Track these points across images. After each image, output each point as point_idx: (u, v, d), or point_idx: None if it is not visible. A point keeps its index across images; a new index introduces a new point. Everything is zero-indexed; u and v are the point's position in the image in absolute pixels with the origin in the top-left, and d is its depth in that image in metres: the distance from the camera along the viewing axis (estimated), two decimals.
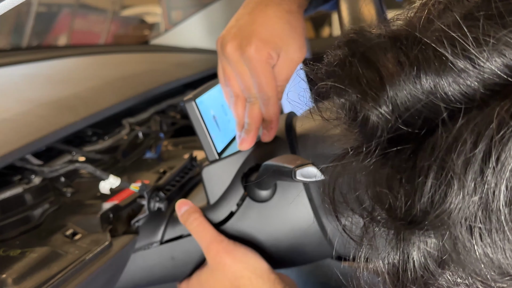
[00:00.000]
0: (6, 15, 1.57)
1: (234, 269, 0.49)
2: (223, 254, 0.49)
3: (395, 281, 0.26)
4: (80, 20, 2.25)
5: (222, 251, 0.50)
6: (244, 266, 0.49)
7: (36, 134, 0.56)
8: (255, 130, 0.52)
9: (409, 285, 0.25)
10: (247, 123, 0.52)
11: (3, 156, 0.49)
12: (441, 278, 0.24)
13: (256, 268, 0.49)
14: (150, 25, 2.49)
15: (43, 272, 0.45)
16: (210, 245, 0.50)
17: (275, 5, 0.51)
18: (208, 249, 0.50)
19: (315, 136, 0.51)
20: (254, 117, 0.52)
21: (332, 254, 0.53)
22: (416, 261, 0.24)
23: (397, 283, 0.26)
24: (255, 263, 0.49)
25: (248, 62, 0.50)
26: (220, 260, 0.50)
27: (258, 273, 0.49)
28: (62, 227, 0.54)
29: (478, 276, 0.23)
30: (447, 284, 0.24)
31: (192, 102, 0.52)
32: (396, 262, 0.26)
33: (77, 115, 0.64)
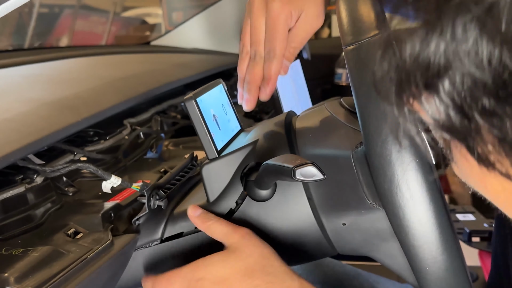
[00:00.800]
0: (8, 16, 1.58)
1: (262, 249, 0.48)
2: (250, 235, 0.48)
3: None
4: (81, 21, 2.26)
5: (249, 233, 0.49)
6: (270, 249, 0.49)
7: (38, 134, 0.56)
8: (255, 89, 0.54)
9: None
10: (248, 82, 0.54)
11: (5, 156, 0.50)
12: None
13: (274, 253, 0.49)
14: (151, 26, 2.50)
15: (45, 271, 0.46)
16: (235, 230, 0.49)
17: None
18: (233, 234, 0.48)
19: (315, 136, 0.51)
20: (254, 76, 0.54)
21: (331, 253, 0.53)
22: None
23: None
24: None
25: (268, 15, 0.53)
26: (249, 241, 0.48)
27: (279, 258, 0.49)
28: (64, 226, 0.54)
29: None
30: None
31: (192, 101, 0.52)
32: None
33: (78, 115, 0.64)
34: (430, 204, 0.40)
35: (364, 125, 0.42)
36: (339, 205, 0.49)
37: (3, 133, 0.55)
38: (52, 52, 1.18)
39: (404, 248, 0.42)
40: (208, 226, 0.51)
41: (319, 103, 0.56)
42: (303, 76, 1.05)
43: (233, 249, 0.48)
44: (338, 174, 0.48)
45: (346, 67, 0.44)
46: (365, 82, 0.42)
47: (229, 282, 0.46)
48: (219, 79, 0.63)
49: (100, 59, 1.15)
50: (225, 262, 0.48)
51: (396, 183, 0.40)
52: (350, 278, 0.75)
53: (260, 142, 0.54)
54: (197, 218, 0.52)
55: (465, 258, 0.45)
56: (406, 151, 0.40)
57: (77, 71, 0.97)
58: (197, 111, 0.52)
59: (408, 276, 0.48)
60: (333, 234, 0.50)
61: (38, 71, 0.93)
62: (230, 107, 0.62)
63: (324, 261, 0.78)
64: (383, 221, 0.47)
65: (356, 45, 0.43)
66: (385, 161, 0.40)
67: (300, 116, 0.56)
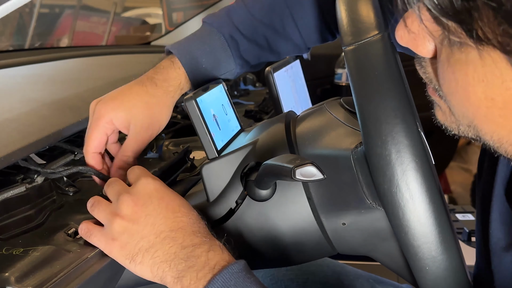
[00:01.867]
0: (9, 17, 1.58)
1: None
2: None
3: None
4: (82, 22, 2.26)
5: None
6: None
7: (39, 134, 0.56)
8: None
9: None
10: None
11: (6, 155, 0.50)
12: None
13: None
14: (151, 27, 2.50)
15: (45, 271, 0.46)
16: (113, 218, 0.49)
17: (140, 85, 0.60)
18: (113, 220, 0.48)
19: (315, 136, 0.51)
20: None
21: (331, 253, 0.54)
22: None
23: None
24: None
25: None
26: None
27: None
28: (64, 226, 0.54)
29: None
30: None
31: (192, 101, 0.52)
32: None
33: (79, 115, 0.64)
34: (430, 204, 0.40)
35: (364, 125, 0.42)
36: (339, 205, 0.49)
37: (4, 133, 0.55)
38: (53, 52, 1.18)
39: (404, 247, 0.42)
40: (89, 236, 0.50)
41: (319, 103, 0.56)
42: (303, 76, 1.05)
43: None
44: (338, 174, 0.48)
45: (346, 67, 0.44)
46: (365, 82, 0.42)
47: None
48: (219, 79, 0.63)
49: (101, 59, 1.15)
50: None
51: (395, 183, 0.40)
52: (351, 279, 0.75)
53: (260, 142, 0.54)
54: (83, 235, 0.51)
55: (465, 258, 0.45)
56: (406, 151, 0.40)
57: (78, 71, 0.98)
58: (197, 111, 0.53)
59: (408, 276, 0.48)
60: (333, 234, 0.50)
61: (39, 71, 0.93)
62: (230, 107, 0.62)
63: (324, 261, 0.78)
64: (382, 221, 0.47)
65: (356, 46, 0.43)
66: (384, 161, 0.40)
67: (300, 116, 0.56)
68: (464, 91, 0.34)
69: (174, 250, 0.46)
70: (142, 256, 0.46)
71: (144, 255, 0.46)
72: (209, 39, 0.64)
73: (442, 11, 0.30)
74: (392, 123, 0.40)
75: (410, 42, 0.37)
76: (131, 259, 0.47)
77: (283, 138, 0.53)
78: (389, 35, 0.43)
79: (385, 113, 0.40)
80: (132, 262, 0.47)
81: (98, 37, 2.22)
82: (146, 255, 0.46)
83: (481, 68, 0.32)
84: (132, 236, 0.47)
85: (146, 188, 0.49)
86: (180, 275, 0.45)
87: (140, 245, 0.47)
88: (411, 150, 0.40)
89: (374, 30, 0.43)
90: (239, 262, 0.45)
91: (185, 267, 0.45)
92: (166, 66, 0.63)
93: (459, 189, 2.27)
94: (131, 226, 0.47)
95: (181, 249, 0.46)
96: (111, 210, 0.49)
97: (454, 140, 2.06)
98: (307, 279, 0.74)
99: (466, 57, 0.32)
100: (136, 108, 0.58)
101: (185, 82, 0.63)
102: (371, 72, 0.41)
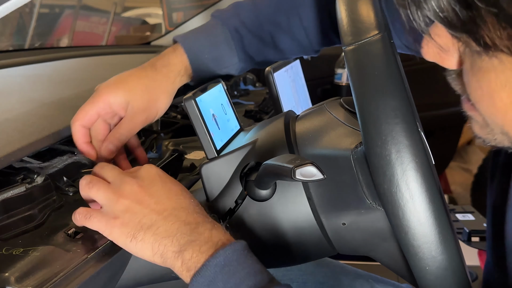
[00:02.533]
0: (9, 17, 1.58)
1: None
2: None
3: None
4: (82, 22, 2.26)
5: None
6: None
7: (39, 134, 0.56)
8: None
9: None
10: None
11: (6, 155, 0.50)
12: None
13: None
14: (151, 27, 2.50)
15: (45, 271, 0.46)
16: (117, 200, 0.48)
17: (141, 70, 0.62)
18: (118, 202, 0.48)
19: (315, 136, 0.51)
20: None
21: (331, 253, 0.54)
22: None
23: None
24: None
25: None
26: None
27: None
28: (64, 226, 0.54)
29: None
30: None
31: (191, 100, 0.53)
32: None
33: None
34: (430, 204, 0.40)
35: (364, 125, 0.42)
36: (339, 205, 0.49)
37: (4, 133, 0.55)
38: (53, 52, 1.18)
39: (404, 247, 0.42)
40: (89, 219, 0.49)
41: (319, 103, 0.56)
42: (302, 76, 1.05)
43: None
44: (338, 174, 0.48)
45: (346, 67, 0.44)
46: (365, 82, 0.42)
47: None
48: (218, 79, 0.63)
49: (101, 59, 1.16)
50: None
51: (395, 183, 0.40)
52: (350, 278, 0.75)
53: (259, 142, 0.54)
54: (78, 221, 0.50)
55: (465, 258, 0.45)
56: (406, 151, 0.40)
57: (78, 71, 0.98)
58: (196, 111, 0.53)
59: (408, 276, 0.48)
60: (332, 234, 0.50)
61: (39, 71, 0.93)
62: (230, 106, 0.62)
63: (324, 261, 0.78)
64: (382, 221, 0.47)
65: (356, 45, 0.43)
66: (384, 161, 0.40)
67: (300, 116, 0.56)
68: (490, 98, 0.35)
69: (176, 226, 0.46)
70: (144, 233, 0.46)
71: (146, 232, 0.46)
72: (213, 31, 0.65)
73: (451, 24, 0.32)
74: (392, 123, 0.40)
75: (435, 57, 0.39)
76: (132, 237, 0.46)
77: (283, 138, 0.53)
78: (389, 35, 0.43)
79: (385, 113, 0.40)
80: (133, 240, 0.46)
81: (98, 37, 2.22)
82: (148, 232, 0.46)
83: (502, 74, 0.33)
84: (135, 214, 0.47)
85: (149, 173, 0.50)
86: (181, 249, 0.44)
87: (142, 222, 0.46)
88: (411, 150, 0.40)
89: (374, 30, 0.43)
90: (241, 241, 0.45)
91: (188, 241, 0.45)
92: (168, 53, 0.64)
93: (459, 189, 2.27)
94: (134, 205, 0.47)
95: (184, 225, 0.46)
96: (113, 190, 0.49)
97: (454, 140, 2.06)
98: (307, 279, 0.74)
99: (486, 64, 0.33)
100: (135, 91, 0.59)
101: (185, 69, 0.64)
102: (371, 72, 0.41)
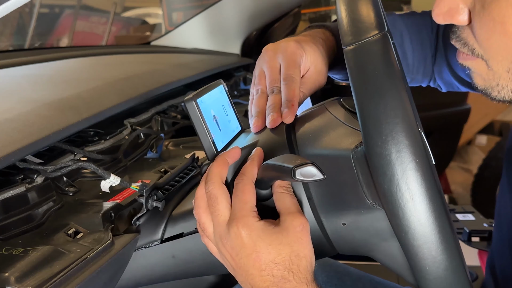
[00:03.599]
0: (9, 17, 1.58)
1: (308, 250, 0.47)
2: (308, 230, 0.48)
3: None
4: (82, 22, 2.26)
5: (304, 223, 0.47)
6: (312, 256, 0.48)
7: (39, 134, 0.56)
8: (278, 110, 0.56)
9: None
10: (271, 107, 0.56)
11: (6, 156, 0.50)
12: None
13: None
14: (151, 26, 2.50)
15: (45, 271, 0.46)
16: (296, 214, 0.47)
17: (311, 38, 0.63)
18: (293, 216, 0.47)
19: (315, 136, 0.51)
20: (276, 101, 0.56)
21: (331, 253, 0.54)
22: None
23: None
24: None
25: (284, 52, 0.58)
26: (306, 234, 0.47)
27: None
28: (64, 226, 0.54)
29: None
30: None
31: (192, 101, 0.52)
32: None
33: (79, 116, 0.64)
34: (430, 204, 0.40)
35: (364, 125, 0.42)
36: (339, 205, 0.49)
37: (4, 133, 0.55)
38: (53, 52, 1.18)
39: (404, 247, 0.42)
40: (282, 194, 0.49)
41: (319, 103, 0.56)
42: None
43: (286, 229, 0.47)
44: (338, 174, 0.48)
45: (346, 67, 0.44)
46: (365, 82, 0.42)
47: (259, 251, 0.46)
48: (219, 80, 0.63)
49: (101, 59, 1.15)
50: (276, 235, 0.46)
51: (395, 183, 0.40)
52: (353, 280, 0.75)
53: (260, 143, 0.54)
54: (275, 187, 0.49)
55: (465, 258, 0.45)
56: (406, 151, 0.40)
57: (78, 71, 0.98)
58: (197, 112, 0.53)
59: (408, 276, 0.48)
60: (333, 234, 0.50)
61: (38, 71, 0.93)
62: (231, 107, 0.62)
63: (327, 261, 0.78)
64: (382, 221, 0.47)
65: (356, 45, 0.43)
66: (384, 161, 0.40)
67: (300, 116, 0.56)
68: (501, 26, 0.39)
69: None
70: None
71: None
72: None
73: None
74: (392, 123, 0.40)
75: (447, 17, 0.43)
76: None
77: (283, 138, 0.53)
78: (389, 34, 0.43)
79: (385, 113, 0.40)
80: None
81: (98, 37, 2.22)
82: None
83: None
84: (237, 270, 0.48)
85: (238, 238, 0.46)
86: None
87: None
88: (411, 150, 0.40)
89: (374, 30, 0.43)
90: None
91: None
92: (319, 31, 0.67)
93: (459, 189, 2.27)
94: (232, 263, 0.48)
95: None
96: (219, 234, 0.48)
97: (454, 140, 2.06)
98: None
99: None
100: (316, 54, 0.60)
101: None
102: (371, 72, 0.41)
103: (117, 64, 1.09)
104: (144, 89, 0.83)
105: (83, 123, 0.64)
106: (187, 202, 0.60)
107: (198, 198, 0.50)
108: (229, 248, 0.47)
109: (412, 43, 0.76)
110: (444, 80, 0.78)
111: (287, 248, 0.46)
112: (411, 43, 0.76)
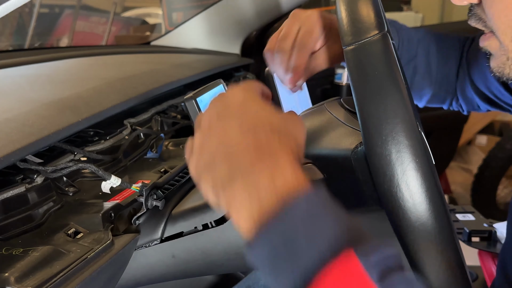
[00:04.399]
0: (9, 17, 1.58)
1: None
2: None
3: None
4: (82, 22, 2.26)
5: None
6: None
7: (39, 134, 0.56)
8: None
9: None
10: (294, 66, 0.59)
11: (6, 155, 0.50)
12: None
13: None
14: (151, 26, 2.50)
15: (45, 271, 0.46)
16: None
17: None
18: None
19: (315, 136, 0.51)
20: (284, 48, 0.59)
21: None
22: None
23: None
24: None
25: (305, 20, 0.60)
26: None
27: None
28: (64, 226, 0.54)
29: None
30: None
31: (192, 100, 0.53)
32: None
33: (79, 115, 0.64)
34: (430, 204, 0.40)
35: (364, 125, 0.42)
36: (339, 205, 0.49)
37: (3, 133, 0.55)
38: (53, 52, 1.18)
39: (404, 247, 0.42)
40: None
41: (319, 103, 0.56)
42: None
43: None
44: (338, 174, 0.48)
45: (346, 67, 0.44)
46: (365, 82, 0.42)
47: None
48: (219, 79, 0.63)
49: (101, 59, 1.15)
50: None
51: (396, 183, 0.40)
52: None
53: None
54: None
55: (465, 258, 0.45)
56: (406, 151, 0.40)
57: (78, 71, 0.98)
58: (197, 111, 0.53)
59: None
60: None
61: (38, 71, 0.93)
62: None
63: None
64: (382, 221, 0.47)
65: (356, 45, 0.43)
66: (385, 161, 0.40)
67: (300, 116, 0.56)
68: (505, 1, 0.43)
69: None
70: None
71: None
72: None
73: None
74: (392, 123, 0.40)
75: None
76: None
77: None
78: (389, 34, 0.43)
79: (385, 113, 0.40)
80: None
81: (98, 37, 2.22)
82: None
83: None
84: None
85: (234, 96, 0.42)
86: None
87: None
88: (411, 150, 0.40)
89: (374, 30, 0.43)
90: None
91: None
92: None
93: (459, 189, 2.27)
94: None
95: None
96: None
97: (454, 140, 2.06)
98: None
99: None
100: (336, 35, 0.60)
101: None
102: (371, 72, 0.41)
103: (117, 64, 1.09)
104: (144, 89, 0.83)
105: (83, 123, 0.64)
106: (186, 202, 0.60)
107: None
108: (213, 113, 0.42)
109: (438, 55, 0.77)
110: (466, 98, 0.78)
111: (281, 122, 0.39)
112: (437, 56, 0.77)
